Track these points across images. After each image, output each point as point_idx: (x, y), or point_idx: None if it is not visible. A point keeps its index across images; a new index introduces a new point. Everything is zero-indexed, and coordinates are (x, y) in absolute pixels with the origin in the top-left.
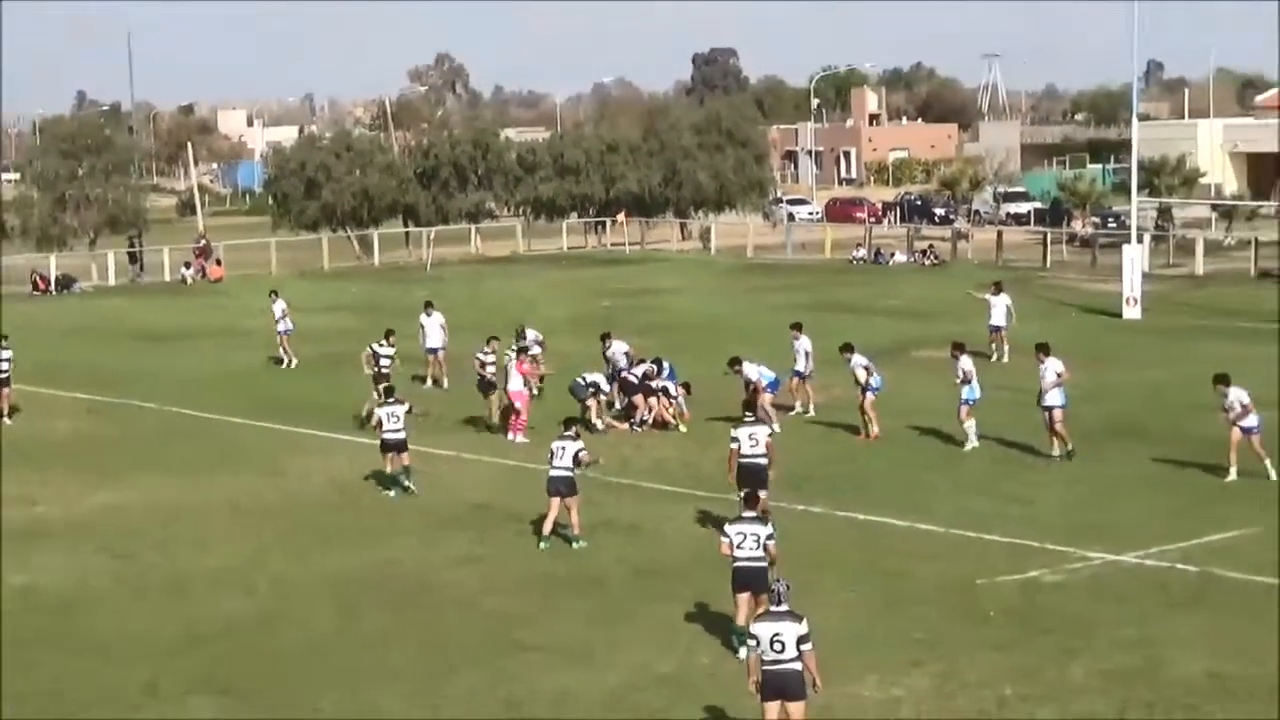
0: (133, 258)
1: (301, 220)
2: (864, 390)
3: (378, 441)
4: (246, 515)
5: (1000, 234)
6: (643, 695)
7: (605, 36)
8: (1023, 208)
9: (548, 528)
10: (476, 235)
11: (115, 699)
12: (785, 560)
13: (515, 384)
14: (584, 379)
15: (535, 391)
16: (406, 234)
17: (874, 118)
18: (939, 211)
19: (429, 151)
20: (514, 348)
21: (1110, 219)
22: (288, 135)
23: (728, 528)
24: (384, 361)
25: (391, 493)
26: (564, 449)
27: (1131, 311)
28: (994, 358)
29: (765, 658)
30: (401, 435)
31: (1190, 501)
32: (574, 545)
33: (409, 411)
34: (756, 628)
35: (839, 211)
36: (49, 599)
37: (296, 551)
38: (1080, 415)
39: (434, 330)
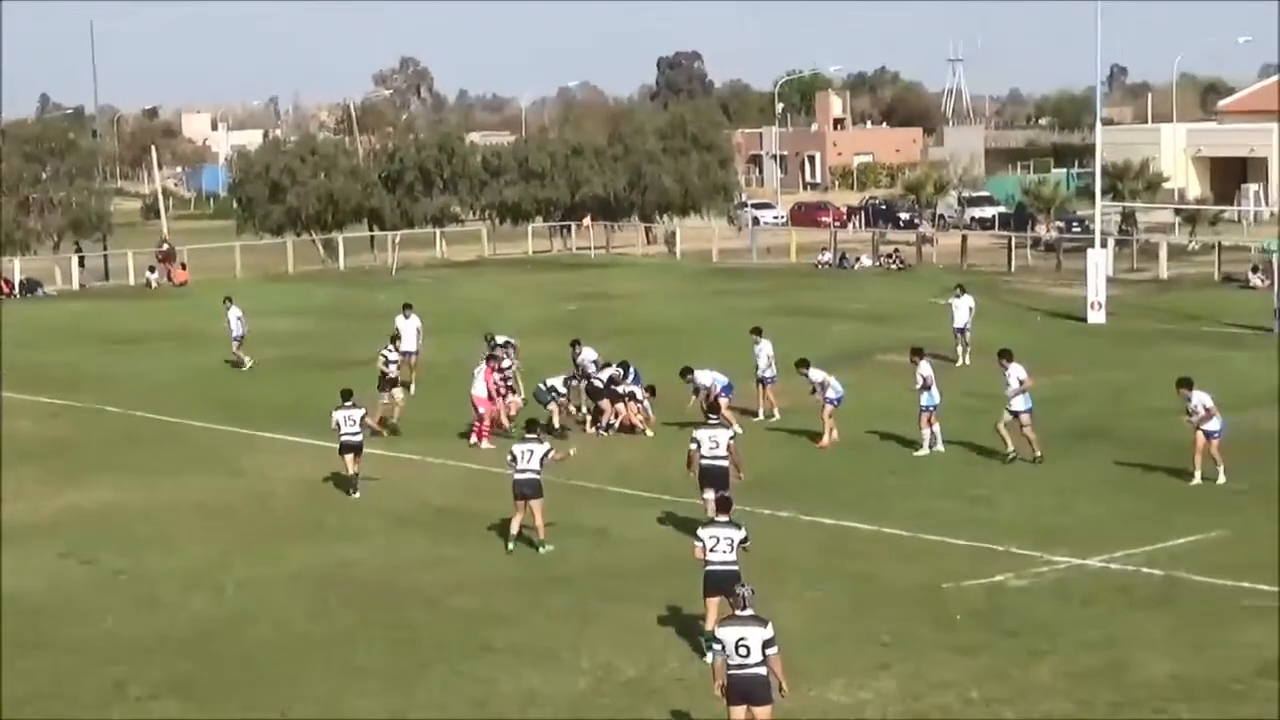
0: (81, 262)
1: (266, 224)
2: (825, 400)
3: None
4: (212, 517)
5: (965, 238)
6: (609, 698)
7: (570, 40)
8: (987, 212)
9: (514, 529)
10: (442, 239)
11: (85, 701)
12: (751, 564)
13: (479, 390)
14: (545, 384)
15: (507, 396)
16: (371, 238)
17: (838, 122)
18: (904, 216)
19: (394, 155)
20: (491, 353)
21: (1074, 223)
22: (252, 139)
23: (700, 531)
24: (391, 368)
25: (356, 494)
26: (530, 452)
27: (1096, 316)
28: (958, 361)
29: (730, 662)
30: (358, 439)
31: (1155, 505)
32: (540, 550)
33: (363, 418)
34: (722, 632)
35: (804, 216)
36: (17, 602)
37: (262, 552)
38: (1045, 419)
39: (409, 333)
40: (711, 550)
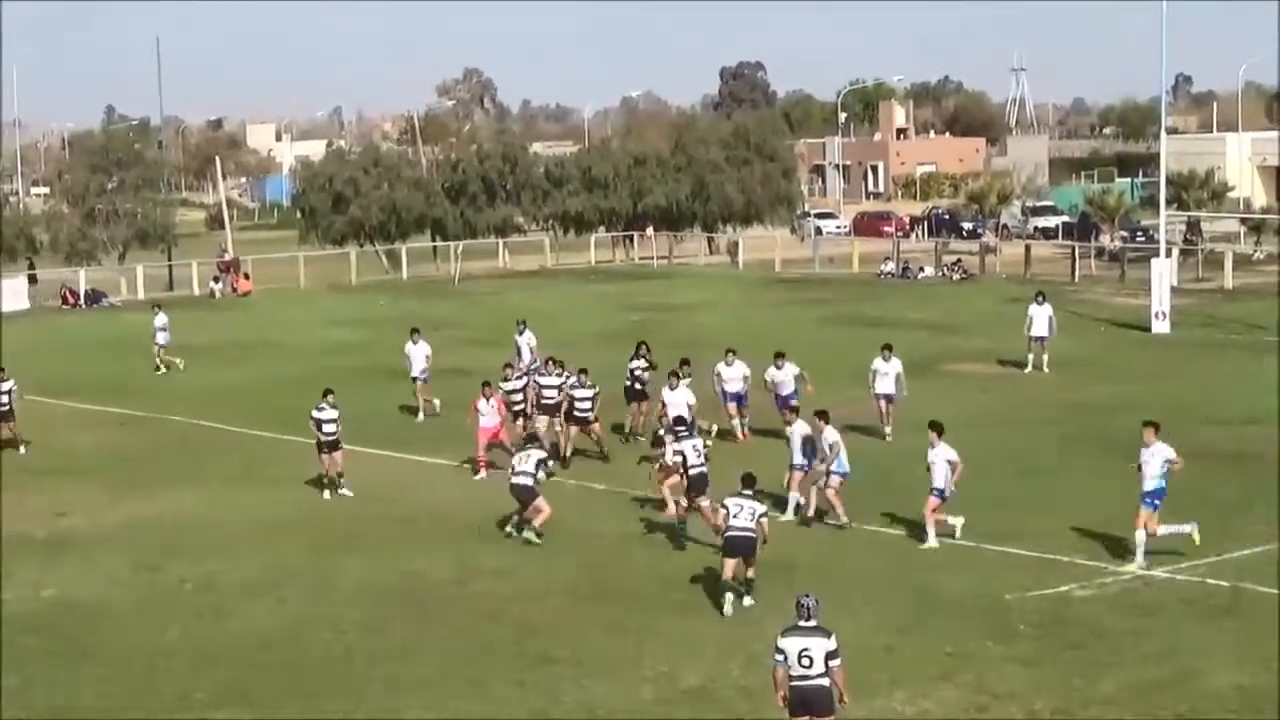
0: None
1: (329, 234)
2: (828, 471)
3: (410, 455)
4: (273, 526)
5: (1028, 248)
6: (671, 707)
7: (633, 50)
8: (1051, 222)
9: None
10: (504, 249)
11: (149, 709)
12: (812, 574)
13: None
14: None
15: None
16: (434, 248)
17: (901, 131)
18: (967, 225)
19: (457, 166)
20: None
21: (1138, 233)
22: (316, 150)
23: (727, 500)
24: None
25: (346, 492)
26: (527, 456)
27: (1160, 326)
28: (1028, 368)
29: (793, 673)
30: (337, 437)
31: (1220, 515)
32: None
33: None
34: (784, 642)
35: (866, 225)
36: (80, 611)
37: (323, 562)
38: (1109, 428)
39: (418, 358)
40: (734, 516)
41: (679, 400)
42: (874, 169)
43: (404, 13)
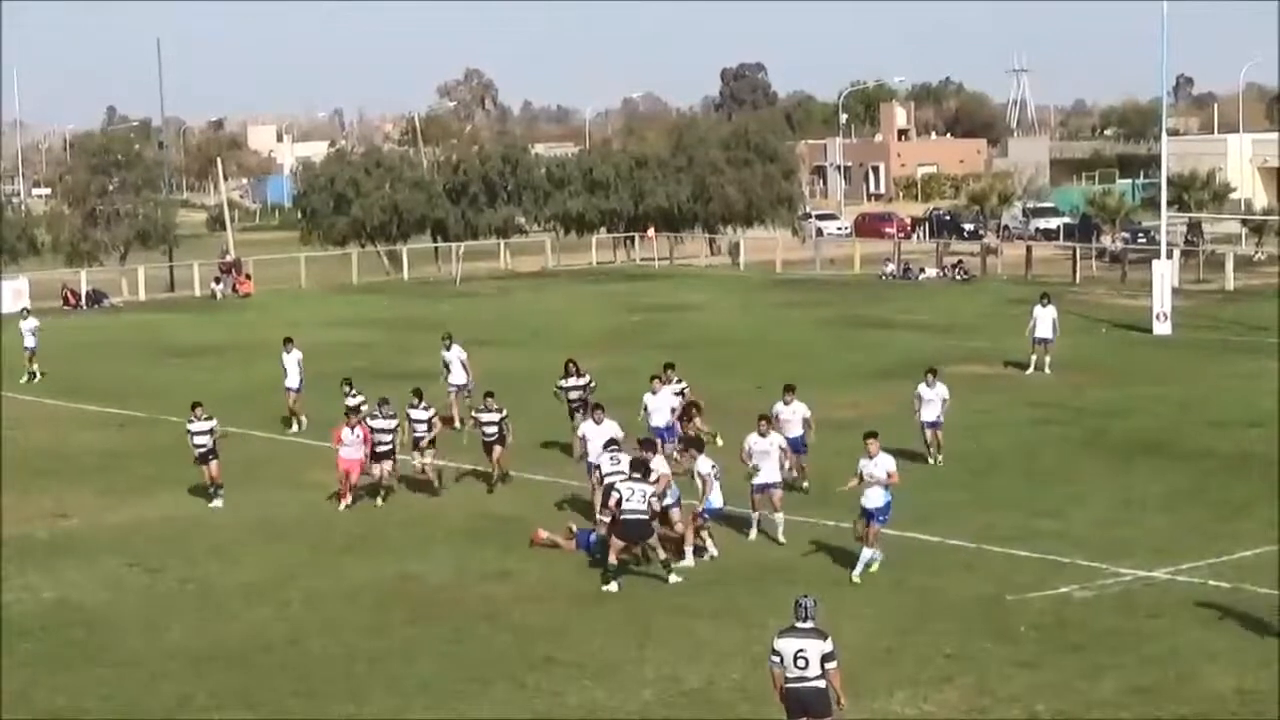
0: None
1: (330, 235)
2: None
3: (408, 456)
4: (274, 529)
5: (1030, 249)
6: (673, 709)
7: (634, 52)
8: (1052, 223)
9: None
10: (506, 250)
11: (151, 711)
12: (813, 575)
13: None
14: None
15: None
16: (436, 249)
17: (903, 133)
18: (968, 227)
19: (458, 167)
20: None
21: (1140, 234)
22: (317, 150)
23: (619, 484)
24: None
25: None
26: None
27: (1161, 327)
28: (1029, 369)
29: (789, 674)
30: (209, 446)
31: (1220, 517)
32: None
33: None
34: (780, 643)
35: (868, 227)
36: (81, 613)
37: (325, 565)
38: (1111, 430)
39: (292, 368)
40: (627, 500)
41: (662, 405)
42: (875, 170)
43: (405, 14)
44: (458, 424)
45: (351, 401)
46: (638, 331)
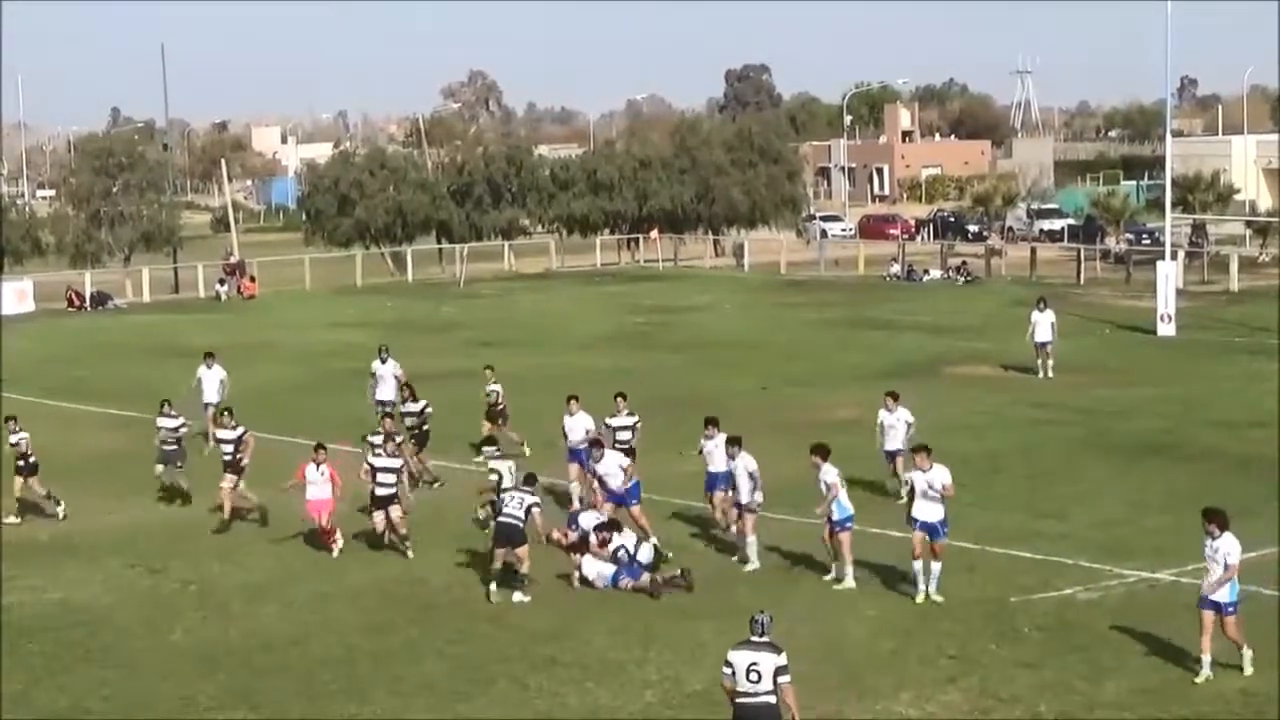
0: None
1: (335, 237)
2: (830, 521)
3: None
4: (277, 530)
5: (1034, 250)
6: (675, 711)
7: (637, 53)
8: (1056, 224)
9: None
10: (510, 252)
11: (154, 711)
12: (816, 577)
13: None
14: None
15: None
16: (440, 251)
17: (907, 134)
18: (972, 228)
19: (462, 168)
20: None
21: (1144, 235)
22: (321, 152)
23: (503, 494)
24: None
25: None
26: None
27: (1166, 328)
28: (1040, 374)
29: (739, 688)
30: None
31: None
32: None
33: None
34: (734, 655)
35: (872, 228)
36: (84, 614)
37: (327, 566)
38: (1115, 431)
39: (211, 384)
40: (505, 506)
41: (577, 426)
42: (879, 171)
43: (409, 15)
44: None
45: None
46: (642, 333)
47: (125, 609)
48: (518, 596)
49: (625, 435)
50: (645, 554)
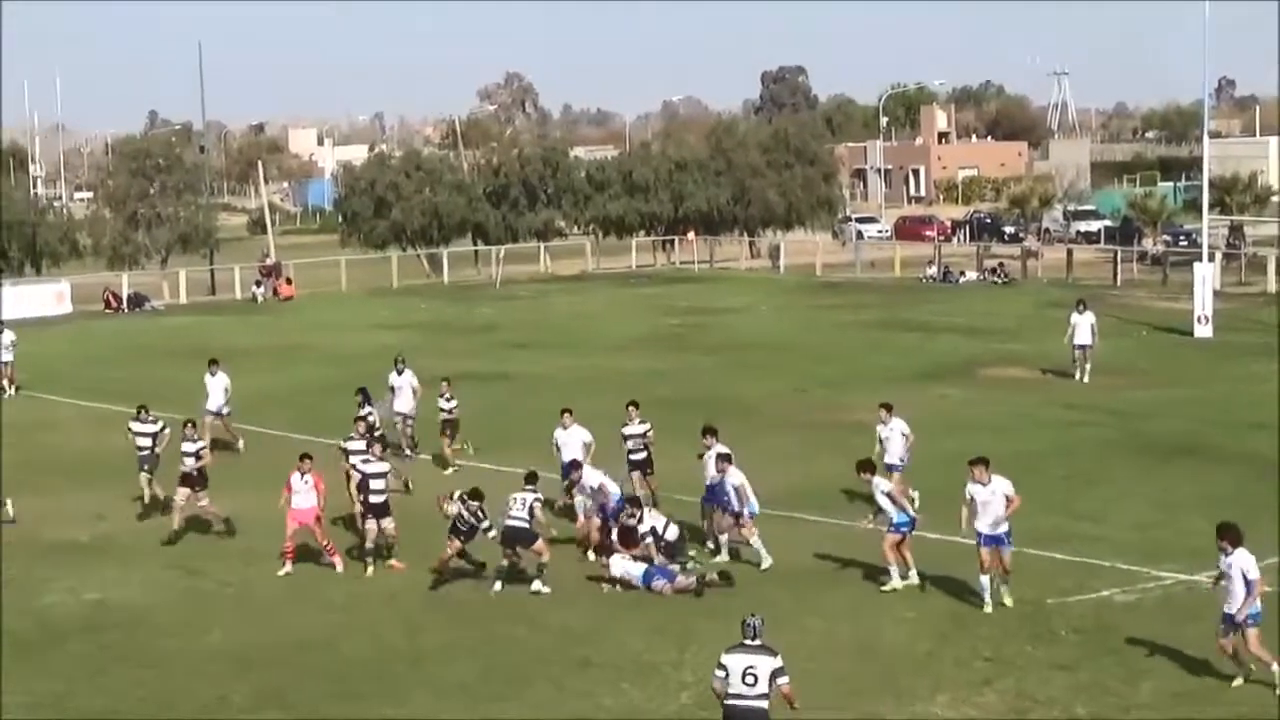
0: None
1: (371, 239)
2: (886, 525)
3: (440, 465)
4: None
5: (1070, 252)
6: (710, 713)
7: (674, 54)
8: (1093, 226)
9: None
10: (546, 253)
11: (189, 711)
12: (853, 579)
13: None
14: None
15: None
16: (476, 252)
17: (943, 135)
18: (1009, 229)
19: (498, 170)
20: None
21: (1181, 237)
22: (358, 154)
23: (509, 496)
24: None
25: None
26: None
27: (1203, 330)
28: (1076, 376)
29: (731, 690)
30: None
31: (1263, 521)
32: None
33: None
34: (728, 659)
35: (908, 230)
36: (120, 614)
37: (361, 566)
38: (1150, 433)
39: (217, 391)
40: (510, 506)
41: (573, 441)
42: (915, 173)
43: (446, 17)
44: (407, 452)
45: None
46: (676, 334)
47: (162, 610)
48: (536, 585)
49: (634, 444)
50: (673, 533)
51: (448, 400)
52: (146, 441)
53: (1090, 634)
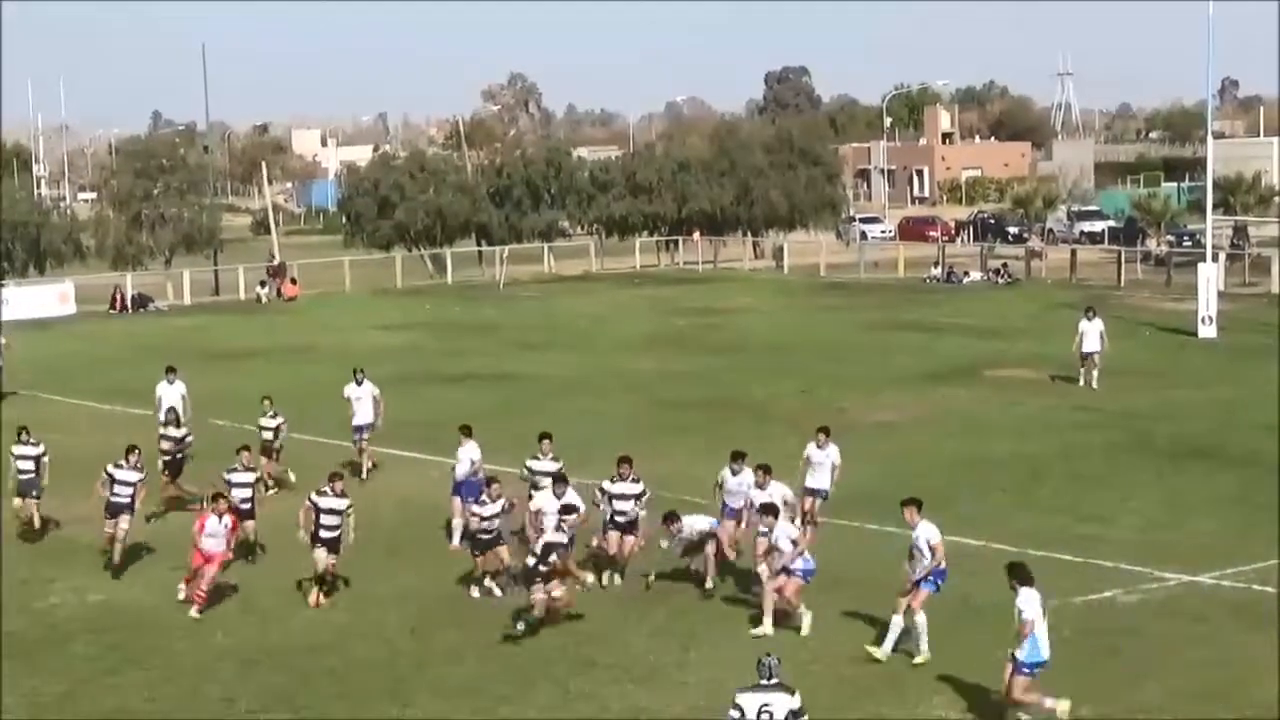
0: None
1: (375, 239)
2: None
3: (443, 465)
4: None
5: (1074, 253)
6: (716, 715)
7: (678, 55)
8: (1097, 226)
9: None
10: (549, 254)
11: (195, 713)
12: (858, 585)
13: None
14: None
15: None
16: (480, 253)
17: (947, 136)
18: (1012, 230)
19: (502, 170)
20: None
21: (1185, 237)
22: (362, 155)
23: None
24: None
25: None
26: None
27: (1207, 330)
28: (1080, 382)
29: None
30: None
31: (1267, 522)
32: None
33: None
34: (743, 699)
35: (912, 230)
36: (126, 616)
37: (370, 569)
38: (1154, 434)
39: (172, 400)
40: (481, 509)
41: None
42: (919, 173)
43: (449, 17)
44: (365, 471)
45: (269, 423)
46: (680, 335)
47: (168, 611)
48: (488, 583)
49: (624, 505)
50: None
51: (271, 418)
52: (29, 465)
53: (1094, 635)
